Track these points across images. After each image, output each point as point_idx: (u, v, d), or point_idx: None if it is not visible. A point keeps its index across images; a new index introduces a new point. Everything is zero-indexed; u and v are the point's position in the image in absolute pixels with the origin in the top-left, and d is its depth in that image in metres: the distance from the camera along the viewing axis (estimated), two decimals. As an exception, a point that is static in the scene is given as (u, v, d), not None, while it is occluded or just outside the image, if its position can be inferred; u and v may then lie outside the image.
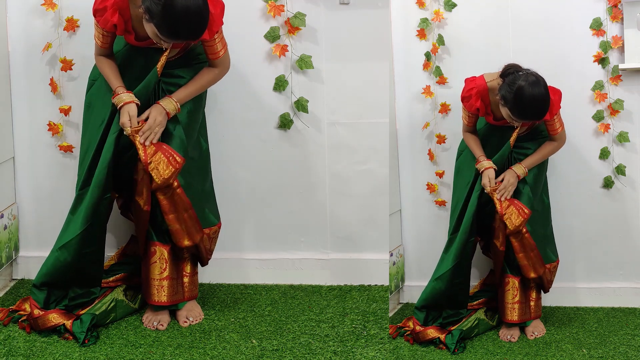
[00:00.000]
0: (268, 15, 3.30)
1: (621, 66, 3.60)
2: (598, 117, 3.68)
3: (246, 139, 3.39)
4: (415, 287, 3.84)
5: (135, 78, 2.89)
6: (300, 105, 3.35)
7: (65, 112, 3.28)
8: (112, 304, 3.02)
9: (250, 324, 3.08)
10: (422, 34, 3.70)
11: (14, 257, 3.35)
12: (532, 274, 3.43)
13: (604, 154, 3.70)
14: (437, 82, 3.73)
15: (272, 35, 3.30)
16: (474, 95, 3.29)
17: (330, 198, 3.45)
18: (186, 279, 3.09)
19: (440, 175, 3.79)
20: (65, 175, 3.32)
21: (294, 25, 3.28)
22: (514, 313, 3.48)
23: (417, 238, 3.87)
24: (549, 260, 3.49)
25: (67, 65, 3.23)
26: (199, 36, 2.68)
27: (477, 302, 3.58)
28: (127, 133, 2.80)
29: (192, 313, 3.08)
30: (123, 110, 2.81)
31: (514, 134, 3.35)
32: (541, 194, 3.49)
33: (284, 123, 3.36)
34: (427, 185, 3.81)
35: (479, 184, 3.38)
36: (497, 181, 3.34)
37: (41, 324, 2.86)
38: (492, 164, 3.35)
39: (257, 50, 3.32)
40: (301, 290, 3.41)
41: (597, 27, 3.62)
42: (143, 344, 2.88)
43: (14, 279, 3.36)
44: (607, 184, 3.73)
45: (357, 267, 3.47)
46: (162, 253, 3.01)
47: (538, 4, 3.64)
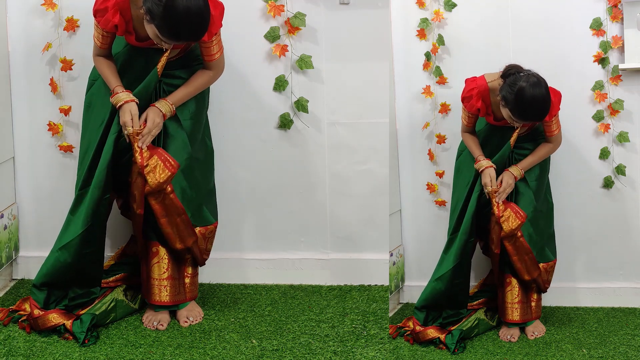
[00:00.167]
0: (268, 15, 3.30)
1: (621, 66, 3.60)
2: (598, 117, 3.68)
3: (246, 139, 3.39)
4: (415, 287, 3.84)
5: (136, 78, 2.89)
6: (300, 105, 3.35)
7: (65, 112, 3.28)
8: (112, 304, 3.02)
9: (250, 324, 3.08)
10: (422, 34, 3.70)
11: (14, 257, 3.35)
12: (526, 277, 3.43)
13: (604, 154, 3.70)
14: (437, 82, 3.73)
15: (272, 35, 3.30)
16: (474, 96, 3.29)
17: (330, 198, 3.45)
18: (188, 280, 3.09)
19: (440, 175, 3.79)
20: (65, 175, 3.32)
21: (294, 25, 3.28)
22: (515, 313, 3.48)
23: (417, 238, 3.87)
24: (546, 259, 3.49)
25: (67, 65, 3.23)
26: (200, 37, 2.67)
27: (477, 302, 3.58)
28: (128, 132, 2.80)
29: (192, 313, 3.08)
30: (124, 109, 2.80)
31: (515, 135, 3.35)
32: (545, 194, 3.49)
33: (284, 123, 3.36)
34: (427, 185, 3.81)
35: (479, 184, 3.37)
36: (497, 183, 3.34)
37: (41, 324, 2.86)
38: (491, 163, 3.35)
39: (257, 50, 3.32)
40: (301, 290, 3.41)
41: (597, 27, 3.62)
42: (143, 344, 2.88)
43: (14, 279, 3.36)
44: (607, 184, 3.73)
45: (357, 267, 3.47)
46: (163, 253, 3.01)
47: (538, 4, 3.64)
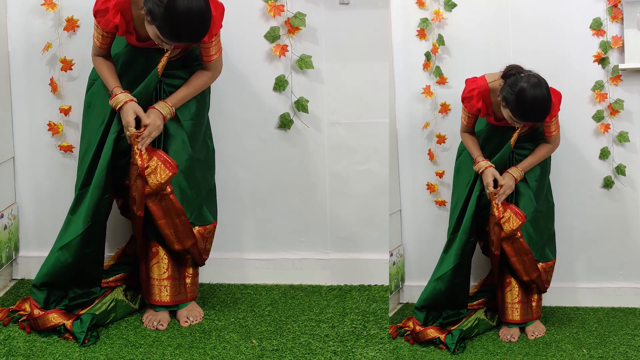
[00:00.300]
0: (268, 15, 3.29)
1: (621, 66, 3.60)
2: (598, 117, 3.68)
3: (246, 139, 3.39)
4: (415, 287, 3.84)
5: (136, 78, 2.89)
6: (300, 105, 3.35)
7: (65, 112, 3.28)
8: (112, 304, 3.02)
9: (250, 324, 3.08)
10: (422, 34, 3.70)
11: (14, 257, 3.35)
12: (525, 278, 3.43)
13: (604, 154, 3.70)
14: (437, 82, 3.73)
15: (272, 35, 3.30)
16: (475, 96, 3.28)
17: (330, 198, 3.45)
18: (188, 280, 3.09)
19: (440, 175, 3.79)
20: (65, 175, 3.32)
21: (294, 25, 3.28)
22: (515, 313, 3.48)
23: (417, 238, 3.87)
24: (546, 259, 3.49)
25: (67, 65, 3.23)
26: (200, 38, 2.67)
27: (477, 302, 3.58)
28: (129, 134, 2.79)
29: (192, 313, 3.08)
30: (126, 110, 2.78)
31: (515, 135, 3.34)
32: (546, 194, 3.49)
33: (284, 123, 3.36)
34: (427, 185, 3.81)
35: (479, 184, 3.37)
36: (496, 189, 3.33)
37: (41, 324, 2.86)
38: (490, 164, 3.35)
39: (257, 50, 3.32)
40: (301, 290, 3.41)
41: (597, 27, 3.62)
42: (143, 344, 2.88)
43: (14, 279, 3.36)
44: (607, 184, 3.73)
45: (357, 267, 3.47)
46: (162, 253, 3.01)
47: (538, 4, 3.64)
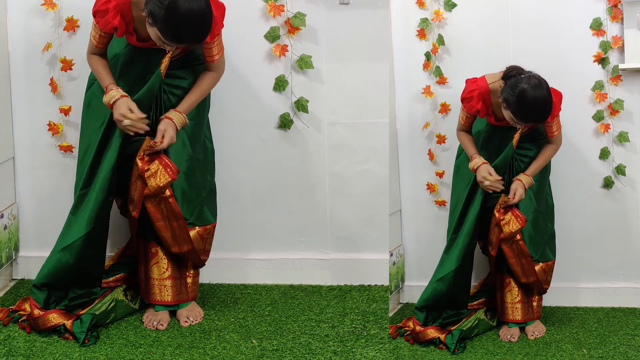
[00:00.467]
0: (268, 15, 3.29)
1: (621, 66, 3.60)
2: (598, 117, 3.68)
3: (246, 139, 3.39)
4: (415, 287, 3.84)
5: (137, 78, 2.88)
6: (300, 105, 3.35)
7: (65, 112, 3.28)
8: (112, 304, 3.02)
9: (250, 324, 3.08)
10: (422, 34, 3.70)
11: (14, 257, 3.35)
12: (522, 279, 3.43)
13: (604, 154, 3.70)
14: (437, 82, 3.72)
15: (272, 35, 3.30)
16: (475, 97, 3.27)
17: (330, 198, 3.45)
18: (189, 280, 3.09)
19: (440, 175, 3.79)
20: (65, 175, 3.32)
21: (294, 25, 3.28)
22: (516, 313, 3.48)
23: (417, 238, 3.87)
24: (546, 258, 3.48)
25: (67, 65, 3.23)
26: (202, 40, 2.66)
27: (477, 302, 3.58)
28: (126, 124, 2.76)
29: (192, 313, 3.08)
30: (121, 103, 2.76)
31: (517, 136, 3.32)
32: (546, 194, 3.49)
33: (284, 123, 3.36)
34: (427, 185, 3.81)
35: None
36: (508, 197, 3.32)
37: (41, 324, 2.86)
38: (484, 160, 3.33)
39: (257, 50, 3.32)
40: (301, 290, 3.41)
41: (597, 27, 3.62)
42: (143, 344, 2.88)
43: (14, 279, 3.36)
44: (607, 184, 3.73)
45: (357, 267, 3.47)
46: (162, 254, 3.01)
47: (538, 4, 3.64)
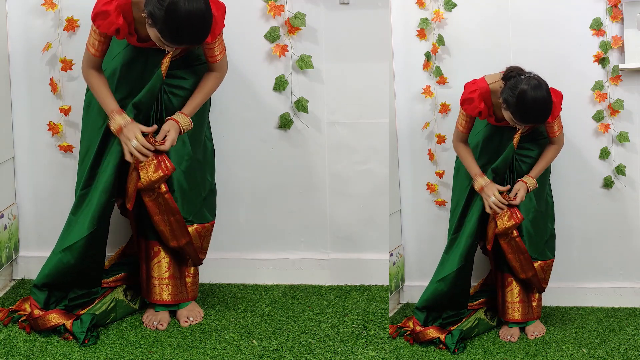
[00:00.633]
0: (268, 15, 3.29)
1: (621, 66, 3.60)
2: (598, 117, 3.68)
3: (246, 139, 3.39)
4: (415, 287, 3.84)
5: (137, 78, 2.88)
6: (300, 105, 3.35)
7: (65, 112, 3.28)
8: (112, 304, 3.02)
9: (250, 324, 3.08)
10: (422, 34, 3.70)
11: (14, 257, 3.35)
12: (521, 275, 3.43)
13: (604, 154, 3.70)
14: (437, 82, 3.72)
15: (272, 35, 3.30)
16: (476, 98, 3.24)
17: (330, 198, 3.45)
18: (189, 279, 3.09)
19: (440, 175, 3.79)
20: (65, 175, 3.32)
21: (294, 25, 3.28)
22: (516, 312, 3.48)
23: (417, 238, 3.87)
24: (545, 257, 3.48)
25: (67, 65, 3.23)
26: (202, 41, 2.66)
27: (477, 302, 3.58)
28: (134, 144, 2.74)
29: (192, 313, 3.08)
30: (132, 127, 2.75)
31: (517, 136, 3.32)
32: (546, 194, 3.49)
33: (284, 123, 3.36)
34: (427, 185, 3.81)
35: None
36: (510, 197, 3.32)
37: (41, 324, 2.86)
38: (489, 181, 3.33)
39: (257, 50, 3.32)
40: (301, 290, 3.41)
41: (597, 27, 3.62)
42: (143, 344, 2.88)
43: (14, 279, 3.36)
44: (607, 184, 3.73)
45: (357, 267, 3.47)
46: (164, 253, 3.01)
47: (538, 4, 3.64)
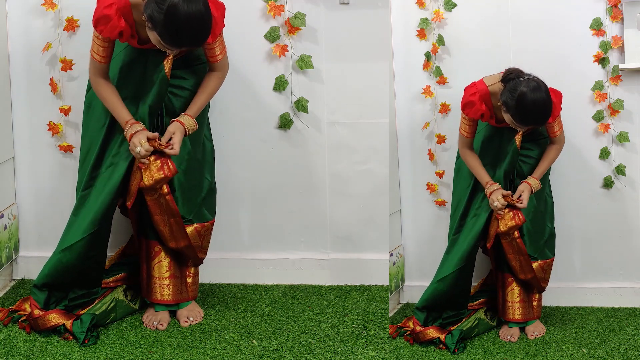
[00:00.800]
0: (268, 15, 3.29)
1: (621, 66, 3.60)
2: (598, 117, 3.68)
3: (246, 139, 3.39)
4: (415, 287, 3.84)
5: (138, 79, 2.87)
6: (300, 105, 3.35)
7: (65, 112, 3.28)
8: (112, 304, 3.02)
9: (250, 324, 3.08)
10: (422, 34, 3.70)
11: (14, 257, 3.35)
12: (520, 276, 3.43)
13: (604, 154, 3.70)
14: (437, 82, 3.72)
15: (272, 35, 3.30)
16: (477, 101, 3.24)
17: (330, 198, 3.45)
18: (189, 279, 3.09)
19: (440, 175, 3.79)
20: (65, 175, 3.32)
21: (294, 25, 3.28)
22: (516, 312, 3.48)
23: (417, 238, 3.87)
24: (545, 256, 3.48)
25: (67, 65, 3.23)
26: (202, 43, 2.66)
27: (477, 302, 3.58)
28: (138, 150, 2.75)
29: (192, 313, 3.08)
30: (141, 135, 2.76)
31: (519, 137, 3.32)
32: (545, 193, 3.49)
33: (284, 123, 3.36)
34: (427, 185, 3.81)
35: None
36: (514, 198, 3.32)
37: (41, 324, 2.86)
38: (498, 186, 3.33)
39: (257, 50, 3.32)
40: (301, 290, 3.41)
41: (597, 27, 3.62)
42: (143, 344, 2.88)
43: (14, 279, 3.36)
44: (607, 184, 3.73)
45: (357, 267, 3.47)
46: (164, 253, 3.01)
47: (538, 4, 3.64)
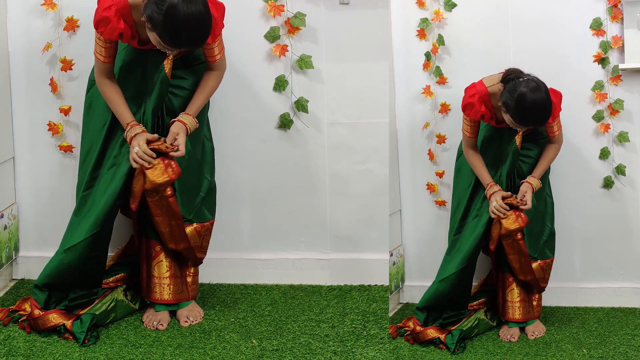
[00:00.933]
0: (268, 15, 3.29)
1: (621, 66, 3.60)
2: (598, 117, 3.68)
3: (246, 139, 3.39)
4: (415, 287, 3.84)
5: (139, 80, 2.88)
6: (300, 105, 3.35)
7: (65, 112, 3.28)
8: (112, 304, 3.02)
9: (250, 324, 3.08)
10: (422, 34, 3.70)
11: (14, 257, 3.35)
12: (520, 276, 3.43)
13: (604, 154, 3.70)
14: (437, 82, 3.72)
15: (272, 35, 3.30)
16: (476, 102, 3.24)
17: (330, 198, 3.45)
18: (189, 279, 3.09)
19: (440, 175, 3.79)
20: (65, 175, 3.32)
21: (294, 25, 3.28)
22: (516, 312, 3.48)
23: (417, 238, 3.87)
24: (545, 256, 3.48)
25: (67, 65, 3.23)
26: (201, 44, 2.66)
27: (477, 302, 3.58)
28: (136, 150, 2.76)
29: (192, 313, 3.08)
30: (141, 137, 2.77)
31: (519, 138, 3.32)
32: (545, 193, 3.49)
33: (284, 123, 3.36)
34: (427, 185, 3.81)
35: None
36: (518, 199, 3.32)
37: (41, 324, 2.86)
38: (499, 187, 3.33)
39: (257, 50, 3.32)
40: (301, 290, 3.41)
41: (597, 27, 3.62)
42: (143, 344, 2.88)
43: (14, 279, 3.36)
44: (607, 184, 3.73)
45: (357, 267, 3.47)
46: (165, 253, 3.01)
47: (538, 4, 3.64)
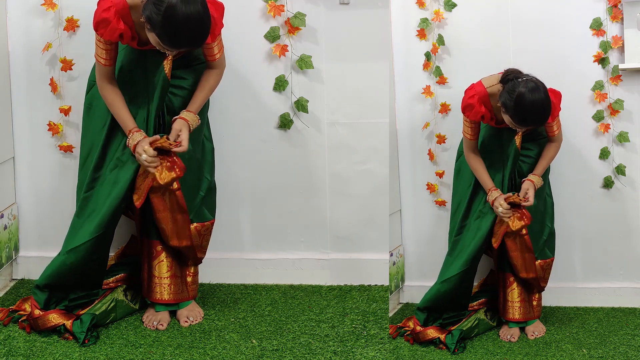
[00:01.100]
0: (268, 15, 3.30)
1: (621, 66, 3.60)
2: (598, 117, 3.68)
3: (246, 139, 3.39)
4: (415, 287, 3.84)
5: (138, 80, 2.88)
6: (300, 105, 3.35)
7: (65, 112, 3.28)
8: (112, 304, 3.02)
9: (250, 324, 3.08)
10: (422, 34, 3.70)
11: (14, 257, 3.35)
12: (522, 274, 3.43)
13: (604, 154, 3.70)
14: (437, 82, 3.72)
15: (272, 35, 3.30)
16: (476, 103, 3.24)
17: (330, 198, 3.45)
18: (189, 278, 3.09)
19: (440, 175, 3.79)
20: (65, 175, 3.32)
21: (294, 25, 3.28)
22: (516, 312, 3.48)
23: (417, 238, 3.87)
24: (545, 256, 3.49)
25: (67, 65, 3.23)
26: (201, 44, 2.66)
27: (477, 302, 3.58)
28: (145, 158, 2.76)
29: (192, 313, 3.08)
30: (142, 143, 2.77)
31: (519, 138, 3.32)
32: (545, 192, 3.49)
33: (284, 123, 3.36)
34: (427, 185, 3.81)
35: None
36: (520, 197, 3.32)
37: (41, 324, 2.86)
38: (500, 192, 3.32)
39: (257, 50, 3.32)
40: (301, 290, 3.41)
41: (597, 27, 3.62)
42: (143, 344, 2.88)
43: (14, 279, 3.36)
44: (607, 184, 3.73)
45: (357, 267, 3.47)
46: (166, 252, 3.01)
47: (538, 4, 3.64)
